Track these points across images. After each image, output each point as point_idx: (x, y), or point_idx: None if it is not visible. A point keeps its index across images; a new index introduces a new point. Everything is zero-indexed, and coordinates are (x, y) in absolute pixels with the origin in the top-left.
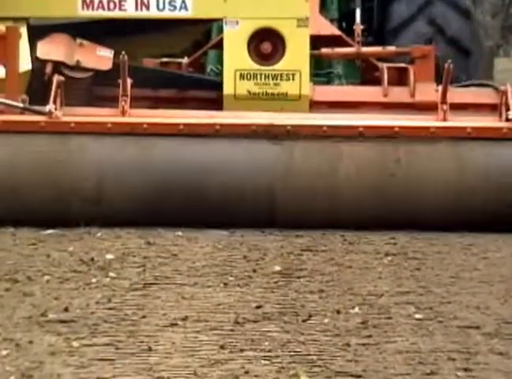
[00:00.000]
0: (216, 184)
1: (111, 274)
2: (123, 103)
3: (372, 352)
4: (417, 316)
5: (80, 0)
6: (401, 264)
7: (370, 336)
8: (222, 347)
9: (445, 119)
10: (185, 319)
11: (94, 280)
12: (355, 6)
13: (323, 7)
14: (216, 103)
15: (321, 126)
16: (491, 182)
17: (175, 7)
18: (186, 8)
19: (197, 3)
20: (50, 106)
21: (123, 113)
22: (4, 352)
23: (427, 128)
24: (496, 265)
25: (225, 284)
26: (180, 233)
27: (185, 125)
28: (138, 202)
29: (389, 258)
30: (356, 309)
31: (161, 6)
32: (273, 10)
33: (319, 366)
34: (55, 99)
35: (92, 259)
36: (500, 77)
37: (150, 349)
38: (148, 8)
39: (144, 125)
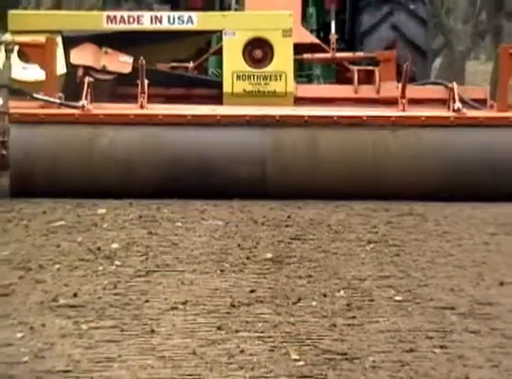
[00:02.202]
0: (218, 162)
1: (117, 262)
2: (142, 99)
3: (356, 332)
4: (397, 298)
5: (105, 16)
6: (382, 250)
7: (354, 317)
8: (219, 329)
9: (403, 110)
10: (185, 303)
11: (101, 268)
12: (331, 19)
13: (304, 20)
14: (217, 99)
15: (303, 116)
16: (440, 159)
17: (183, 21)
18: (192, 22)
19: (201, 18)
20: (82, 102)
21: (142, 107)
22: (19, 335)
23: (389, 117)
24: (469, 251)
25: (221, 271)
26: (179, 224)
27: (192, 116)
28: (155, 177)
29: (371, 245)
30: (341, 293)
31: (172, 20)
32: (263, 23)
33: (308, 345)
34: (87, 96)
35: (99, 248)
36: (471, 78)
37: (153, 331)
38: (161, 22)
39: (159, 116)
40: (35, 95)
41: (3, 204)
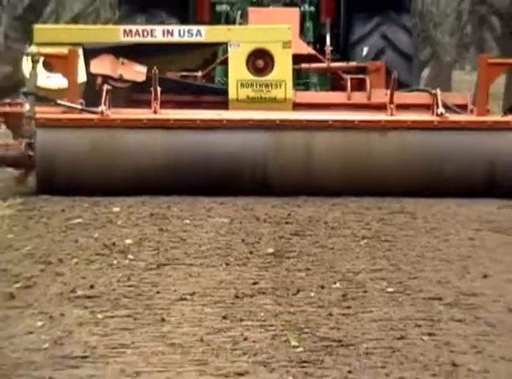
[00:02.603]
0: (223, 161)
1: (130, 256)
2: (155, 104)
3: (351, 321)
4: (389, 289)
5: (122, 29)
6: (375, 245)
7: (349, 307)
8: (224, 318)
9: (392, 115)
10: (193, 294)
11: (115, 262)
12: (326, 32)
13: (302, 33)
14: (223, 105)
15: (301, 120)
16: (424, 159)
17: (192, 34)
18: (200, 35)
19: (209, 31)
20: (101, 108)
21: (155, 112)
22: (39, 323)
23: (379, 121)
24: (455, 246)
25: (226, 264)
26: (188, 221)
27: (200, 120)
28: (165, 174)
29: (365, 241)
30: (337, 285)
31: (182, 33)
32: (265, 36)
33: (306, 333)
34: (105, 102)
35: (114, 244)
36: (457, 87)
37: (163, 320)
38: (172, 35)
39: (171, 121)
40: (59, 102)
41: (25, 203)
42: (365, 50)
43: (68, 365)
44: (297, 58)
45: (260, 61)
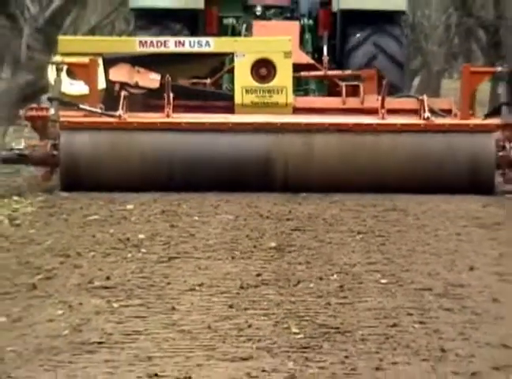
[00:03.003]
0: (230, 161)
1: (143, 250)
2: (168, 109)
3: (348, 309)
4: (382, 281)
5: (137, 41)
6: (370, 240)
7: (346, 297)
8: (230, 307)
9: (383, 118)
10: (201, 285)
11: (129, 255)
12: (323, 44)
13: (301, 44)
14: (230, 109)
15: (300, 123)
16: (413, 158)
17: (202, 45)
18: (209, 45)
19: (217, 42)
20: (119, 112)
21: (168, 116)
22: (59, 311)
23: (371, 124)
24: (444, 241)
25: (232, 257)
26: (196, 217)
27: (209, 123)
28: (178, 173)
29: (361, 236)
30: (335, 276)
31: (192, 44)
32: (268, 47)
33: (306, 321)
34: (123, 107)
35: (128, 238)
36: (445, 94)
37: (174, 308)
38: (183, 45)
39: (182, 124)
40: (81, 106)
41: (46, 201)
42: (358, 35)
43: (86, 351)
44: (297, 67)
45: (263, 69)
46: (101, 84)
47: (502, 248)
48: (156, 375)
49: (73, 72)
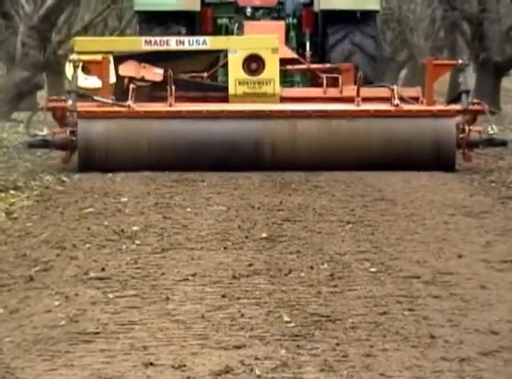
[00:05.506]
0: (225, 144)
1: (137, 241)
2: (170, 99)
3: (338, 298)
4: (372, 269)
5: (143, 40)
6: (359, 230)
7: (336, 286)
8: (223, 296)
9: (358, 105)
10: (194, 275)
11: (124, 247)
12: (306, 40)
13: (287, 41)
14: (224, 99)
15: (286, 110)
16: (384, 140)
17: (199, 43)
18: (205, 43)
19: (212, 40)
20: (128, 102)
21: (170, 105)
22: (56, 302)
23: (348, 110)
24: (431, 230)
25: (225, 248)
26: (189, 209)
27: (207, 111)
28: (179, 155)
29: (350, 226)
30: (325, 265)
31: (191, 43)
32: (257, 44)
33: (298, 309)
34: (131, 98)
35: (122, 230)
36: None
37: (168, 298)
38: (183, 44)
39: (183, 112)
40: (95, 98)
41: (42, 195)
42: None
43: (82, 341)
44: (283, 61)
45: (253, 64)
46: (112, 78)
47: (489, 236)
48: (151, 364)
49: (87, 68)
